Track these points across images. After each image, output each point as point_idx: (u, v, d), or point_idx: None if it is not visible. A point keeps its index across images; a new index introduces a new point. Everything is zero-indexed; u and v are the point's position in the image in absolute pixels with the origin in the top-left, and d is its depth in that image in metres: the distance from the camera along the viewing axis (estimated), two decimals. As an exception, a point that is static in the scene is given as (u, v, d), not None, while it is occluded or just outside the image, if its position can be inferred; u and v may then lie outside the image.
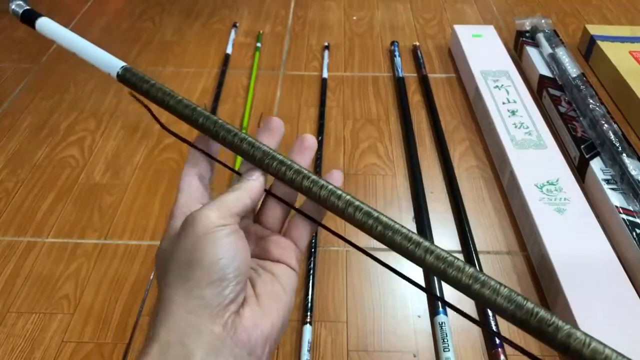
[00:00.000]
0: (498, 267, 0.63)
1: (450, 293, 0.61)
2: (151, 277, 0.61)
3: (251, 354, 0.23)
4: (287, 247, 0.28)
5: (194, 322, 0.22)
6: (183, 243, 0.23)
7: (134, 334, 0.56)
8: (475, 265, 0.61)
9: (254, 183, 0.27)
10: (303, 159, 0.29)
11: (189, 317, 0.22)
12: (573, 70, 0.85)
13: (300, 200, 0.30)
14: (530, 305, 0.22)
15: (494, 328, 0.55)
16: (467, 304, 0.59)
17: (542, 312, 0.22)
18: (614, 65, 0.88)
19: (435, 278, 0.60)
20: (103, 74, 0.35)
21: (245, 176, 0.27)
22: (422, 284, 0.61)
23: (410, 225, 0.68)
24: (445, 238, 0.66)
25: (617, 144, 0.70)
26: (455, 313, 0.59)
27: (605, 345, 0.21)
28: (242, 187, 0.26)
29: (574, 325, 0.52)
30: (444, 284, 0.26)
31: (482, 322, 0.56)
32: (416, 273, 0.62)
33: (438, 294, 0.59)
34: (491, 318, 0.56)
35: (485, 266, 0.62)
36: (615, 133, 0.71)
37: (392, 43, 1.02)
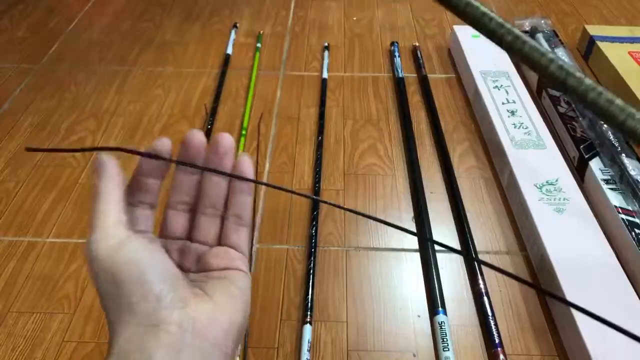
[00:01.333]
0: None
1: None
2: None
3: (215, 346, 0.23)
4: (229, 256, 0.28)
5: (147, 330, 0.22)
6: (96, 276, 0.23)
7: (135, 333, 0.56)
8: (475, 264, 0.61)
9: (106, 168, 0.25)
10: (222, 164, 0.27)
11: (141, 328, 0.22)
12: (572, 71, 0.85)
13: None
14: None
15: (491, 324, 0.55)
16: (466, 307, 0.59)
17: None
18: (614, 65, 0.88)
19: (435, 278, 0.60)
20: (104, 74, 0.36)
21: (96, 171, 0.25)
22: (422, 281, 0.61)
23: (410, 225, 0.68)
24: (445, 238, 0.66)
25: (617, 144, 0.70)
26: (455, 312, 0.59)
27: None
28: (101, 186, 0.25)
29: (574, 325, 0.52)
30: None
31: (481, 322, 0.57)
32: (416, 271, 0.62)
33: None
34: (490, 317, 0.56)
35: (485, 266, 0.62)
36: (614, 133, 0.72)
37: (392, 43, 1.02)
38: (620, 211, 0.63)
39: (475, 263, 0.62)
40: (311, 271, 0.61)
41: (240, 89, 0.92)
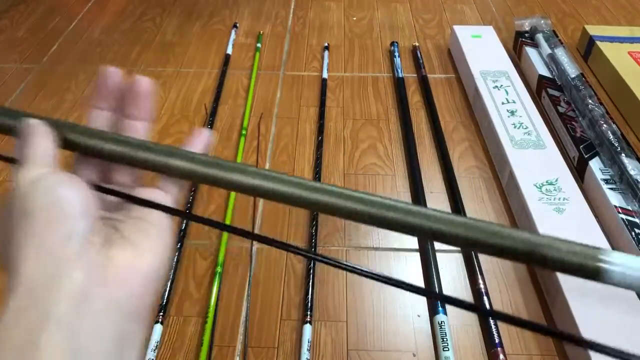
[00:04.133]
0: (497, 266, 0.63)
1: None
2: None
3: (131, 297, 0.21)
4: (152, 194, 0.25)
5: (48, 274, 0.19)
6: (12, 204, 0.22)
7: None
8: (475, 264, 0.61)
9: (35, 127, 0.24)
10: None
11: (42, 270, 0.20)
12: (572, 71, 0.85)
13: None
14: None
15: (491, 323, 0.55)
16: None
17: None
18: (613, 65, 0.88)
19: (434, 278, 0.60)
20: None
21: (24, 131, 0.24)
22: (421, 284, 0.61)
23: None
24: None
25: (616, 144, 0.70)
26: (454, 312, 0.59)
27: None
28: (33, 132, 0.24)
29: (573, 324, 0.52)
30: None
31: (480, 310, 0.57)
32: (416, 271, 0.62)
33: (437, 292, 0.59)
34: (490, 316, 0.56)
35: (485, 266, 0.62)
36: (614, 133, 0.72)
37: (392, 43, 1.03)
38: (620, 211, 0.63)
39: (476, 262, 0.62)
40: (311, 271, 0.61)
41: (240, 89, 0.92)
